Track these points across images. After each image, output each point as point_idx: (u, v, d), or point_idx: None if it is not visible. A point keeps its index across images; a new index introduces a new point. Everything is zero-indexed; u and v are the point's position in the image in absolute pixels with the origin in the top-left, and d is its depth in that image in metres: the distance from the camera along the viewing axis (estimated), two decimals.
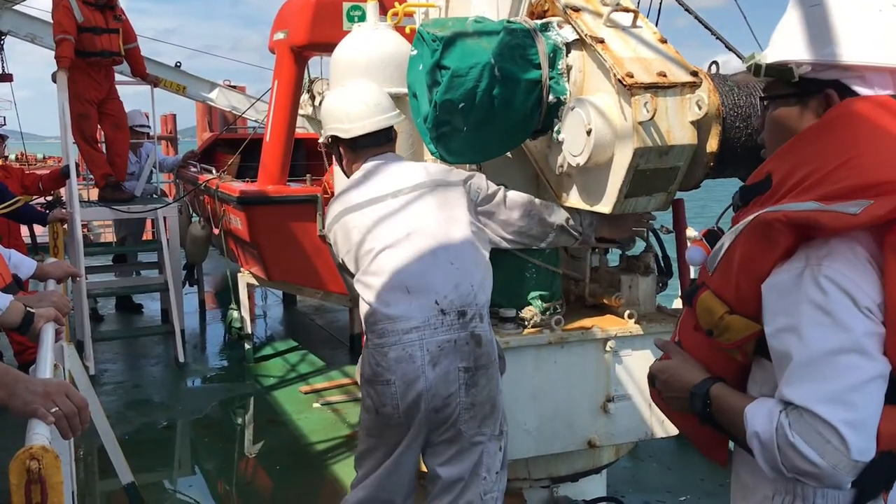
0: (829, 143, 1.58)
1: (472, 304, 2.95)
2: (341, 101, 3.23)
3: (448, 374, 2.90)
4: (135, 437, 5.92)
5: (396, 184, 3.12)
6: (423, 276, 2.95)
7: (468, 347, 2.92)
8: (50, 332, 2.68)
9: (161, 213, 8.06)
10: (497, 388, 3.03)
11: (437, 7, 3.93)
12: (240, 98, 10.70)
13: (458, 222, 3.07)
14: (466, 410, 2.94)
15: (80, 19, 7.47)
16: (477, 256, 3.05)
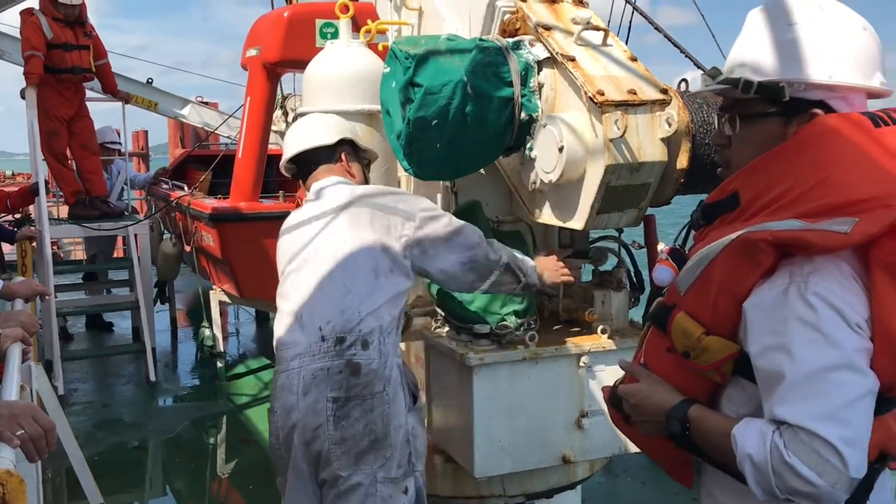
0: (804, 161, 1.59)
1: (353, 331, 2.76)
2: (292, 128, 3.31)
3: (317, 404, 2.71)
4: (105, 458, 5.83)
5: (324, 206, 3.02)
6: (315, 300, 2.83)
7: (341, 376, 2.72)
8: (17, 353, 2.63)
9: (132, 230, 7.98)
10: (385, 423, 2.75)
11: (409, 25, 3.95)
12: (212, 114, 10.66)
13: (365, 245, 2.86)
14: (337, 445, 2.71)
15: (50, 36, 7.42)
16: (378, 283, 2.85)
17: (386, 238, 2.87)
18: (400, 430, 2.78)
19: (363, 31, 3.88)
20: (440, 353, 3.48)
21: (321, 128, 3.18)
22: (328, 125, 3.21)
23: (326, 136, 3.14)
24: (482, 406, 3.23)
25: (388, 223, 2.90)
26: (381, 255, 2.86)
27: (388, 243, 2.87)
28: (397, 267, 2.89)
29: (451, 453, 3.46)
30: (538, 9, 3.29)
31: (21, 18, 7.53)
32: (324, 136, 3.14)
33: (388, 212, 2.93)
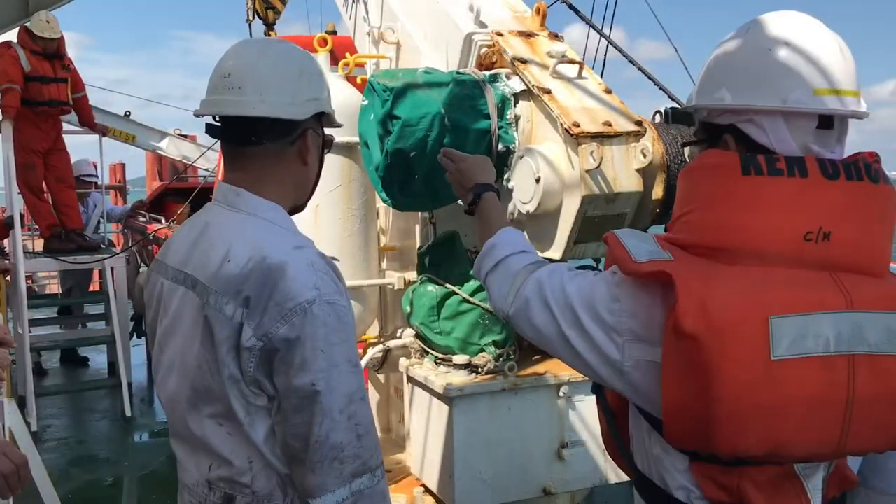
0: (682, 192, 1.63)
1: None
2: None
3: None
4: (79, 496, 5.72)
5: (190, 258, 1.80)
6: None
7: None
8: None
9: (108, 263, 7.91)
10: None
11: (387, 58, 3.99)
12: (190, 147, 10.66)
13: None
14: None
15: (28, 69, 7.40)
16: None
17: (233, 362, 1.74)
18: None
19: (341, 64, 3.92)
20: (419, 384, 3.47)
21: (288, 81, 1.78)
22: (302, 78, 1.81)
23: (292, 102, 1.77)
24: (462, 438, 3.21)
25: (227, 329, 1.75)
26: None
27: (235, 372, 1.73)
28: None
29: (431, 486, 3.43)
30: (514, 42, 3.34)
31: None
32: (288, 103, 1.76)
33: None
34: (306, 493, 1.62)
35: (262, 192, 1.76)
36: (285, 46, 1.84)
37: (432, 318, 3.37)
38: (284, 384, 1.59)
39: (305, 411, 1.58)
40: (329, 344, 1.59)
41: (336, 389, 1.59)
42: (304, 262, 1.63)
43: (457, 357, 3.32)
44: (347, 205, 3.79)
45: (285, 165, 1.79)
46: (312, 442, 1.58)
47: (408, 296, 3.52)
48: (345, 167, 3.75)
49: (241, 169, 1.77)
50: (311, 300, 1.58)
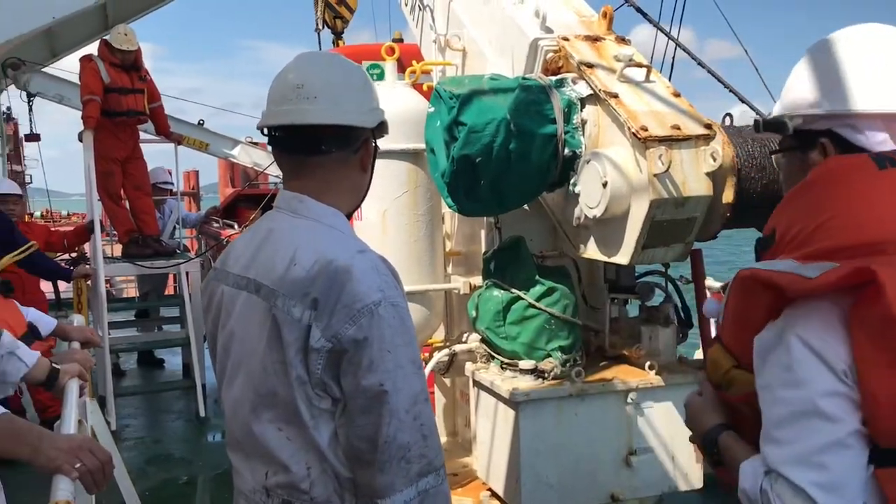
0: (811, 203, 1.59)
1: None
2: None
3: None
4: (155, 493, 5.88)
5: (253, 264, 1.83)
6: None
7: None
8: (75, 388, 2.71)
9: (184, 268, 8.14)
10: None
11: (453, 65, 4.02)
12: (261, 154, 10.88)
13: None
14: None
15: (107, 80, 7.67)
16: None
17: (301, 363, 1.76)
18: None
19: (408, 71, 3.97)
20: (485, 389, 3.48)
21: (356, 91, 1.83)
22: (366, 88, 1.86)
23: (361, 111, 1.81)
24: (528, 442, 3.21)
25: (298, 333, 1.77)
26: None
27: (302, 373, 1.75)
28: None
29: (497, 490, 3.44)
30: (581, 47, 3.33)
31: (80, 64, 7.81)
32: (359, 111, 1.81)
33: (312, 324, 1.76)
34: (374, 493, 1.64)
35: (324, 198, 1.81)
36: (344, 59, 1.89)
37: (498, 323, 3.38)
38: (352, 385, 1.62)
39: (373, 412, 1.61)
40: (395, 345, 1.63)
41: (402, 390, 1.62)
42: (368, 265, 1.68)
43: (523, 362, 3.32)
44: (413, 210, 3.83)
45: (346, 173, 1.84)
46: (381, 442, 1.61)
47: (473, 300, 3.54)
48: (411, 174, 3.79)
49: (306, 177, 1.81)
50: (377, 302, 1.62)
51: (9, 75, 10.37)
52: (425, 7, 4.30)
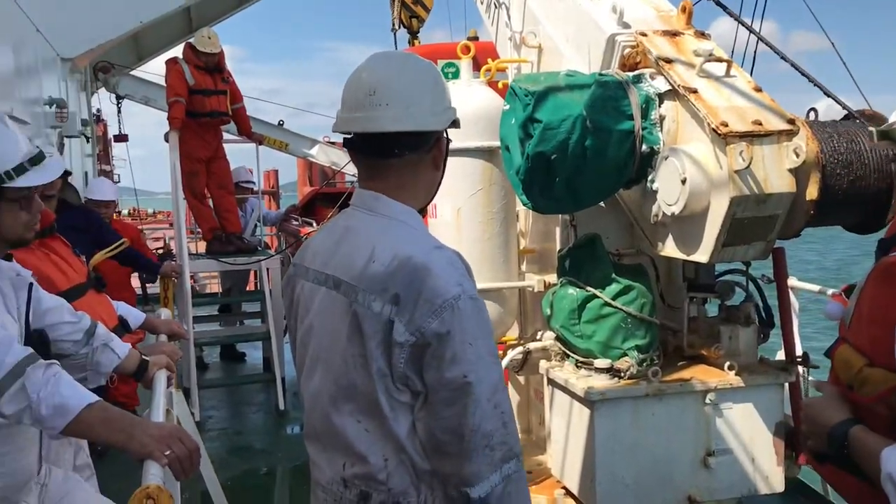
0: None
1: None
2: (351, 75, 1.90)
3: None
4: (237, 483, 6.05)
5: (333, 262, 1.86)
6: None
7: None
8: (163, 379, 2.82)
9: (264, 264, 8.35)
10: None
11: (529, 62, 4.02)
12: (339, 153, 11.05)
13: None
14: None
15: (192, 82, 7.91)
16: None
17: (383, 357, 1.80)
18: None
19: (483, 69, 3.98)
20: (560, 387, 3.47)
21: (428, 93, 1.83)
22: (437, 89, 1.86)
23: (434, 113, 1.83)
24: (604, 442, 3.19)
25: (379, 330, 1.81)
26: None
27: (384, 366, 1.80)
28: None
29: (572, 488, 3.43)
30: (659, 42, 3.29)
31: (166, 67, 8.09)
32: (431, 114, 1.83)
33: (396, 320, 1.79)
34: (461, 482, 1.69)
35: (399, 197, 1.84)
36: (417, 59, 1.89)
37: (573, 322, 3.36)
38: (436, 378, 1.66)
39: (457, 403, 1.65)
40: (475, 337, 1.67)
41: (484, 380, 1.66)
42: (445, 260, 1.72)
43: (598, 361, 3.30)
44: (488, 208, 3.84)
45: (420, 172, 1.87)
46: (467, 432, 1.65)
47: (548, 298, 3.53)
48: (486, 171, 3.80)
49: (381, 178, 1.84)
50: (457, 296, 1.66)
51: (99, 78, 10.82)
52: (501, 5, 4.31)
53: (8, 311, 2.29)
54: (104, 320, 3.52)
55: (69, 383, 2.10)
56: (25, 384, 2.03)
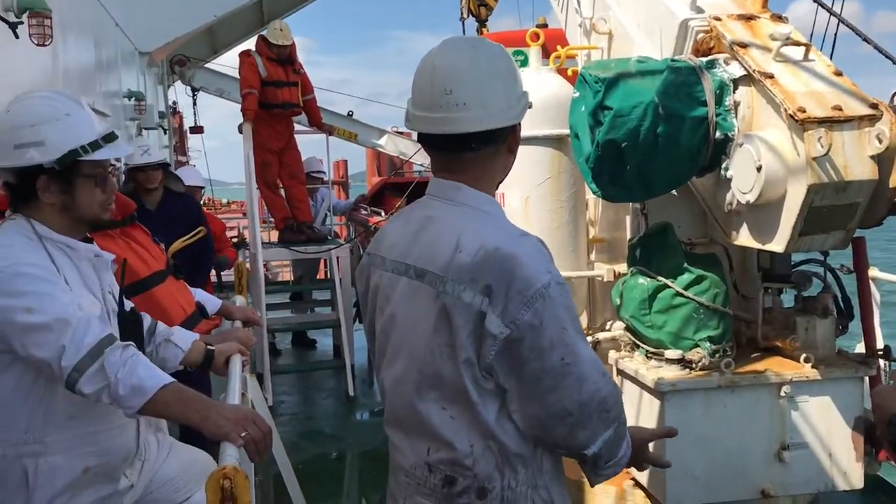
0: None
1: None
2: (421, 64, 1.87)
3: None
4: (308, 467, 6.17)
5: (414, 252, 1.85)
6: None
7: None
8: (238, 364, 2.89)
9: (335, 253, 8.48)
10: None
11: (599, 49, 3.97)
12: (407, 143, 11.13)
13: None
14: None
15: (264, 74, 8.06)
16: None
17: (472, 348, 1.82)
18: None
19: (553, 57, 3.95)
20: (629, 378, 3.44)
21: (504, 85, 1.82)
22: (511, 78, 1.85)
23: (510, 107, 1.81)
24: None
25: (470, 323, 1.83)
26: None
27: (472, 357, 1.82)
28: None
29: (641, 479, 3.40)
30: (733, 26, 3.21)
31: (240, 59, 8.26)
32: (507, 108, 1.81)
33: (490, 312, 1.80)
34: (578, 447, 1.76)
35: (476, 186, 1.84)
36: (488, 47, 1.85)
37: (643, 312, 3.33)
38: (538, 368, 1.67)
39: (560, 387, 1.68)
40: (567, 320, 1.70)
41: (582, 356, 1.70)
42: (532, 248, 1.74)
43: (669, 351, 3.25)
44: (556, 196, 3.82)
45: (497, 161, 1.86)
46: (575, 409, 1.70)
47: (618, 288, 3.50)
48: (554, 159, 3.78)
49: (458, 171, 1.83)
50: (546, 284, 1.68)
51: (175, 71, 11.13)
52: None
53: (90, 290, 2.35)
54: (182, 307, 3.64)
55: (146, 364, 2.18)
56: (104, 365, 2.10)
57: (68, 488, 2.31)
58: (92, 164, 2.30)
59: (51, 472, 2.27)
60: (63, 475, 2.29)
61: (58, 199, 2.28)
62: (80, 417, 2.32)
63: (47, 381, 2.22)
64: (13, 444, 2.25)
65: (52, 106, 2.28)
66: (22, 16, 4.14)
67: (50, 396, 2.26)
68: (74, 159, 2.24)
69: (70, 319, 2.12)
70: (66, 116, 2.26)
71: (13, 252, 2.19)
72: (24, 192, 2.29)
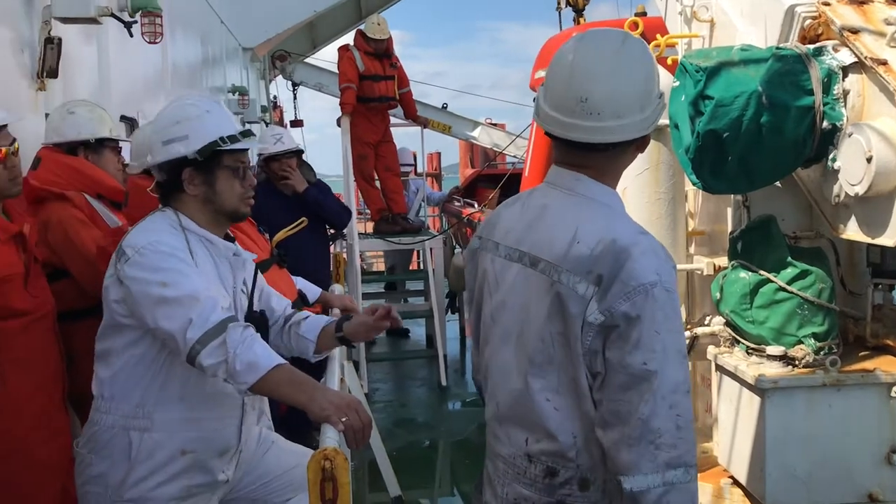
0: None
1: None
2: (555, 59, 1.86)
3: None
4: (401, 454, 6.30)
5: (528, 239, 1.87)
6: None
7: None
8: (337, 350, 2.98)
9: (428, 244, 8.58)
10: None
11: (700, 37, 3.88)
12: (500, 135, 11.13)
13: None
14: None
15: (362, 68, 8.22)
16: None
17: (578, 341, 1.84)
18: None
19: (652, 45, 3.88)
20: (729, 374, 3.36)
21: (642, 94, 1.80)
22: (649, 87, 1.82)
23: (645, 117, 1.81)
24: (775, 432, 3.06)
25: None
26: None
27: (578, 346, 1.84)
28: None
29: (739, 478, 3.32)
30: (844, 11, 3.08)
31: (338, 54, 8.44)
32: (642, 119, 1.81)
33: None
34: (618, 469, 1.67)
35: (601, 180, 1.83)
36: (630, 50, 1.80)
37: (744, 306, 3.24)
38: (617, 359, 1.65)
39: (632, 390, 1.63)
40: (665, 329, 1.64)
41: (665, 375, 1.63)
42: (648, 247, 1.70)
43: (771, 348, 3.16)
44: (654, 188, 3.76)
45: (625, 159, 1.87)
46: (633, 420, 1.62)
47: (717, 282, 3.42)
48: (653, 150, 3.72)
49: (583, 166, 1.83)
50: (653, 283, 1.65)
51: (276, 66, 11.46)
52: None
53: (222, 283, 2.49)
54: (285, 294, 3.76)
55: (262, 344, 2.29)
56: (226, 340, 2.22)
57: (165, 467, 2.42)
58: (231, 156, 2.48)
59: (152, 448, 2.41)
60: (162, 453, 2.42)
61: (201, 190, 2.46)
62: (189, 401, 2.45)
63: (167, 361, 2.37)
64: (124, 416, 2.41)
65: (195, 105, 2.50)
66: (135, 15, 4.35)
67: (166, 376, 2.41)
68: (214, 150, 2.42)
69: (199, 297, 2.27)
70: (206, 113, 2.46)
71: (156, 234, 2.38)
72: (172, 186, 2.48)
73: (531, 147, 7.65)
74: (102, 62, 4.76)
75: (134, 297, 2.32)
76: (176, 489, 2.45)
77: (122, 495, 2.40)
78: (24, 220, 2.86)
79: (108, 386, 2.44)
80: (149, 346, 2.40)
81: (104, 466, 2.42)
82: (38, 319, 2.83)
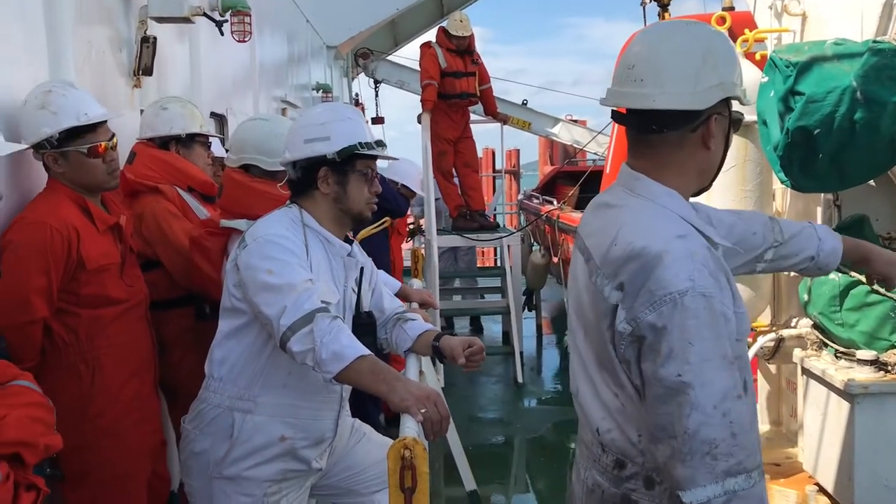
0: None
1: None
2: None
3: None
4: (476, 450, 6.30)
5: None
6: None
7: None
8: None
9: (506, 241, 8.57)
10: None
11: (791, 31, 3.77)
12: (581, 131, 11.03)
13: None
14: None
15: (444, 65, 8.26)
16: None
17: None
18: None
19: (740, 40, 3.79)
20: (816, 378, 3.26)
21: (690, 69, 1.72)
22: (705, 65, 1.73)
23: (694, 92, 1.72)
24: (865, 439, 2.97)
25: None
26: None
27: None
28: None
29: (826, 485, 3.22)
30: None
31: (420, 51, 8.50)
32: (689, 93, 1.72)
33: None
34: (675, 484, 1.60)
35: (662, 177, 1.77)
36: (691, 30, 1.77)
37: (833, 309, 3.14)
38: (650, 372, 1.60)
39: (671, 403, 1.56)
40: (700, 338, 1.55)
41: (708, 384, 1.55)
42: (684, 251, 1.61)
43: (861, 352, 3.06)
44: (741, 186, 3.67)
45: (687, 151, 1.77)
46: (679, 433, 1.56)
47: (805, 283, 3.33)
48: (740, 147, 3.63)
49: (644, 157, 1.79)
50: (682, 291, 1.56)
51: (359, 64, 11.61)
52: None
53: (333, 280, 2.59)
54: None
55: (348, 335, 2.35)
56: (314, 329, 2.30)
57: (263, 450, 2.53)
58: (364, 162, 2.59)
59: (253, 430, 2.52)
60: (261, 436, 2.53)
61: (333, 189, 2.57)
62: (292, 388, 2.55)
63: (275, 349, 2.47)
64: (230, 397, 2.54)
65: (337, 110, 2.66)
66: (226, 14, 4.49)
67: (273, 363, 2.52)
68: (352, 153, 2.53)
69: (297, 287, 2.36)
70: (348, 119, 2.59)
71: (275, 226, 2.52)
72: (305, 184, 2.59)
73: (612, 144, 7.56)
74: (194, 60, 4.92)
75: (245, 283, 2.46)
76: (272, 471, 2.56)
77: (222, 472, 2.53)
78: (121, 212, 3.00)
79: (218, 367, 2.58)
80: (258, 333, 2.52)
81: (207, 443, 2.55)
82: (133, 308, 2.96)
